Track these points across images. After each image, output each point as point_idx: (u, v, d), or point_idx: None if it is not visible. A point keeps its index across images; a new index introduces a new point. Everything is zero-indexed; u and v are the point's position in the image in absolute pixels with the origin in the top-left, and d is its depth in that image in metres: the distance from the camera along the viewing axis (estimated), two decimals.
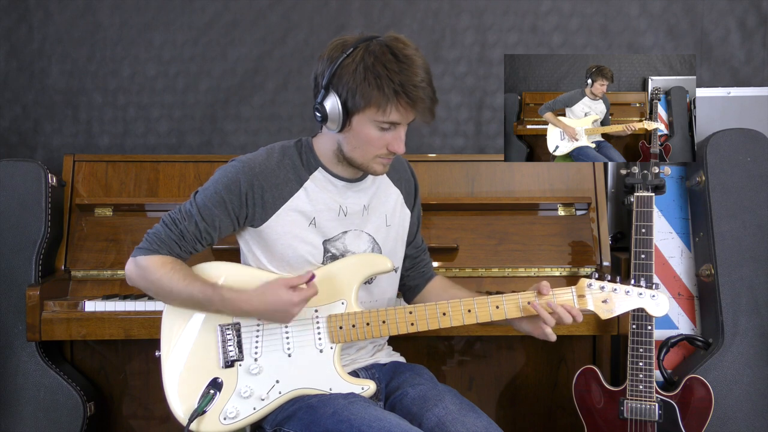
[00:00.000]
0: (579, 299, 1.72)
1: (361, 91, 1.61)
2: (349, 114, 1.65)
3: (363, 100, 1.62)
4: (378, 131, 1.66)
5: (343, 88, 1.63)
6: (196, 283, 1.71)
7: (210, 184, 1.75)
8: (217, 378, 1.73)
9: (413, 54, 1.63)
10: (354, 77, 1.62)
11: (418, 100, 1.62)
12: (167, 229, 1.74)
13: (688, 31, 2.93)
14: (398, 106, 1.62)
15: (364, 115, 1.64)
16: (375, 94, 1.61)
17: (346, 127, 1.67)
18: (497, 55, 2.94)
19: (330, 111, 1.66)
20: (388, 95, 1.60)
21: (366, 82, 1.61)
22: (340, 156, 1.75)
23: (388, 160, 1.73)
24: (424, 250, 2.04)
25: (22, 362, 2.45)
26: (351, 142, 1.70)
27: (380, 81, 1.60)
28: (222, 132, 2.96)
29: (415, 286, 2.01)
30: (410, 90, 1.61)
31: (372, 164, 1.72)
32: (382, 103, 1.61)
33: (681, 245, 2.65)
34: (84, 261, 2.52)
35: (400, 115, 1.64)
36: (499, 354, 2.65)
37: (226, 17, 2.94)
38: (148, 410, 2.63)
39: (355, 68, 1.62)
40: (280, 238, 1.76)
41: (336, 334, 1.74)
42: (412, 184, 1.97)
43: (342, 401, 1.66)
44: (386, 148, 1.69)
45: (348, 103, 1.64)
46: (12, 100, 2.95)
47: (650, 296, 1.70)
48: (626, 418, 2.24)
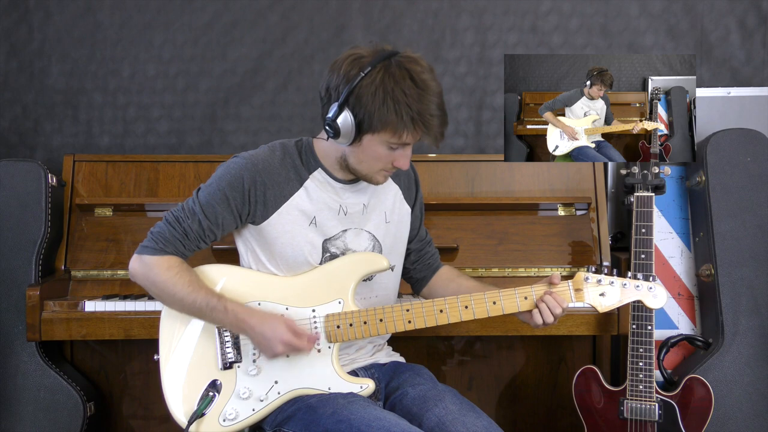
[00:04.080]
0: (576, 293, 1.72)
1: (379, 115, 1.62)
2: (361, 133, 1.66)
3: (380, 124, 1.63)
4: (387, 150, 1.69)
5: (361, 109, 1.63)
6: (201, 291, 1.72)
7: (213, 181, 1.75)
8: (215, 380, 1.73)
9: (429, 79, 1.65)
10: (373, 100, 1.62)
11: (433, 128, 1.65)
12: (171, 227, 1.74)
13: (688, 31, 2.93)
14: (414, 132, 1.65)
15: (377, 136, 1.66)
16: (393, 119, 1.62)
17: (355, 143, 1.68)
18: (497, 55, 2.94)
19: (343, 127, 1.66)
20: (405, 122, 1.62)
21: (385, 107, 1.62)
22: (343, 164, 1.76)
23: (390, 173, 1.75)
24: (429, 242, 2.04)
25: (22, 362, 2.45)
26: (358, 156, 1.71)
27: (399, 108, 1.61)
28: (222, 132, 2.96)
29: (423, 278, 2.02)
30: (427, 119, 1.63)
31: (375, 176, 1.75)
32: (398, 129, 1.63)
33: (681, 245, 2.65)
34: (84, 261, 2.52)
35: (413, 138, 1.67)
36: (499, 354, 2.65)
37: (226, 17, 2.94)
38: (148, 410, 2.64)
39: (375, 91, 1.62)
40: (280, 237, 1.76)
41: (334, 334, 1.74)
42: (412, 177, 1.98)
43: (341, 401, 1.66)
44: (392, 164, 1.72)
45: (363, 124, 1.65)
46: (12, 100, 2.95)
47: (647, 288, 1.71)
48: (626, 418, 2.24)
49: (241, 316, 1.70)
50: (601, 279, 1.71)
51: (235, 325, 1.72)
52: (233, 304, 1.72)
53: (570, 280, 1.73)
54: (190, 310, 1.74)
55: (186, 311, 1.75)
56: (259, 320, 1.70)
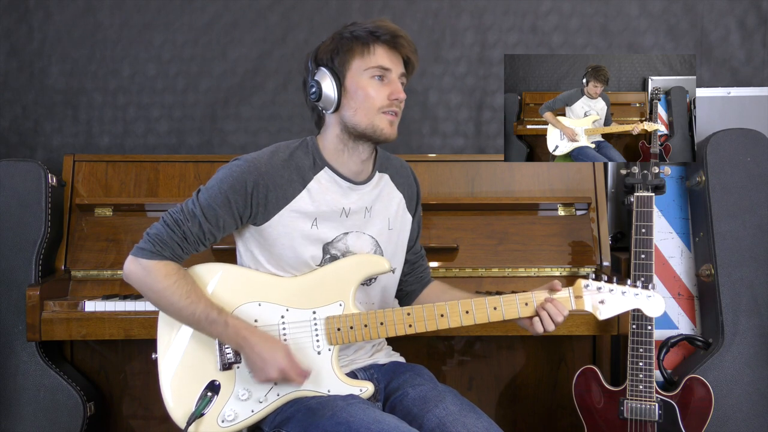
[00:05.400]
0: (576, 300, 1.72)
1: (340, 47, 1.72)
2: (339, 77, 1.72)
3: (346, 54, 1.71)
4: (373, 81, 1.72)
5: (326, 56, 1.73)
6: (200, 302, 1.70)
7: (214, 183, 1.73)
8: (214, 381, 1.73)
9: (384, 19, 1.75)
10: (331, 44, 1.74)
11: (398, 37, 1.72)
12: (169, 230, 1.71)
13: (688, 31, 2.93)
14: (379, 45, 1.71)
15: (353, 70, 1.71)
16: (354, 42, 1.71)
17: (342, 94, 1.72)
18: (497, 55, 2.94)
19: (321, 80, 1.73)
20: (366, 38, 1.71)
21: (343, 39, 1.72)
22: (345, 137, 1.76)
23: (393, 117, 1.75)
24: (423, 256, 2.04)
25: (22, 362, 2.45)
26: (351, 105, 1.73)
27: (354, 31, 1.71)
28: (222, 132, 2.96)
29: (412, 291, 2.01)
30: (385, 28, 1.71)
31: (378, 123, 1.73)
32: (364, 47, 1.71)
33: (681, 245, 2.65)
34: (84, 261, 2.52)
35: (386, 55, 1.72)
36: (499, 354, 2.65)
37: (226, 17, 2.94)
38: (148, 410, 2.64)
39: (332, 39, 1.75)
40: (280, 238, 1.75)
41: (334, 336, 1.73)
42: (415, 189, 1.97)
43: (341, 403, 1.65)
44: (387, 99, 1.72)
45: (335, 62, 1.72)
46: (12, 100, 2.95)
47: (646, 296, 1.70)
48: (626, 418, 2.24)
49: (243, 333, 1.68)
50: (601, 286, 1.71)
51: (234, 341, 1.69)
52: (234, 320, 1.70)
53: (570, 287, 1.73)
54: (187, 320, 1.72)
55: (182, 321, 1.73)
56: (259, 340, 1.68)
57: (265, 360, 1.66)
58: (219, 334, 1.70)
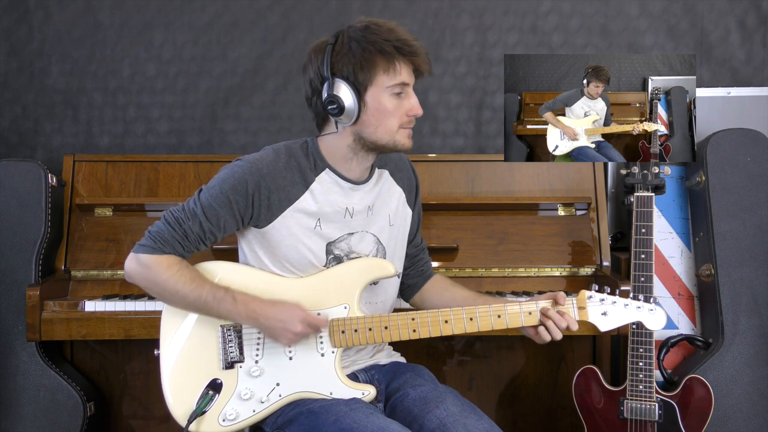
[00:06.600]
0: (579, 311, 1.72)
1: (365, 61, 1.66)
2: (360, 92, 1.68)
3: (371, 69, 1.67)
4: (393, 99, 1.70)
5: (347, 67, 1.67)
6: (206, 285, 1.70)
7: (215, 184, 1.73)
8: (216, 379, 1.72)
9: (389, 22, 1.72)
10: (353, 53, 1.67)
11: (419, 51, 1.70)
12: (170, 228, 1.71)
13: (688, 31, 2.93)
14: (404, 62, 1.69)
15: (375, 86, 1.68)
16: (379, 57, 1.67)
17: (362, 109, 1.69)
18: (497, 55, 2.94)
19: (343, 95, 1.68)
20: (391, 53, 1.67)
21: (366, 51, 1.66)
22: (357, 147, 1.75)
23: (410, 130, 1.76)
24: (424, 249, 2.04)
25: (22, 362, 2.45)
26: (371, 122, 1.71)
27: (378, 44, 1.66)
28: (222, 132, 2.96)
29: (414, 284, 2.01)
30: (409, 43, 1.68)
31: (399, 138, 1.73)
32: (389, 64, 1.67)
33: (681, 245, 2.65)
34: (84, 261, 2.52)
35: (407, 72, 1.70)
36: (499, 354, 2.65)
37: (226, 17, 2.94)
38: (148, 410, 2.64)
39: (349, 46, 1.67)
40: (284, 240, 1.74)
41: (338, 339, 1.73)
42: (414, 181, 1.97)
43: (344, 408, 1.64)
44: (406, 115, 1.72)
45: (357, 77, 1.67)
46: (12, 100, 2.95)
47: (648, 310, 1.71)
48: (626, 418, 2.24)
49: (252, 305, 1.69)
50: (605, 298, 1.72)
51: (245, 315, 1.69)
52: (242, 295, 1.70)
53: (574, 298, 1.73)
54: (195, 306, 1.72)
55: (190, 308, 1.73)
56: (270, 305, 1.69)
57: (284, 320, 1.67)
58: (229, 311, 1.70)
